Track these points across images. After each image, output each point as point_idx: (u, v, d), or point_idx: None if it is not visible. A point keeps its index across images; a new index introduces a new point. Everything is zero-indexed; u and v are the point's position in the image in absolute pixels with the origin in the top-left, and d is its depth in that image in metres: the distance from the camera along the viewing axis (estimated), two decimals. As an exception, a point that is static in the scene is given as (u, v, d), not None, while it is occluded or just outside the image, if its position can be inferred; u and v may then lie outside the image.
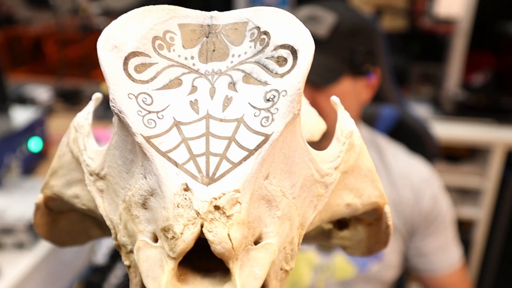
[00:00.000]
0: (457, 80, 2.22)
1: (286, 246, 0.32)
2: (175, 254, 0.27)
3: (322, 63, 0.86)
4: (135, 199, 0.31)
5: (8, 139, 1.25)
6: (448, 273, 0.99)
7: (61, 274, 1.17)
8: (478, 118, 1.93)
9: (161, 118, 0.30)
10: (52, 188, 0.41)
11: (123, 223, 0.32)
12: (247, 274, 0.28)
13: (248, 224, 0.29)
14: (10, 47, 2.08)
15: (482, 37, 2.39)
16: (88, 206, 0.38)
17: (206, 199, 0.27)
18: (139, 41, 0.32)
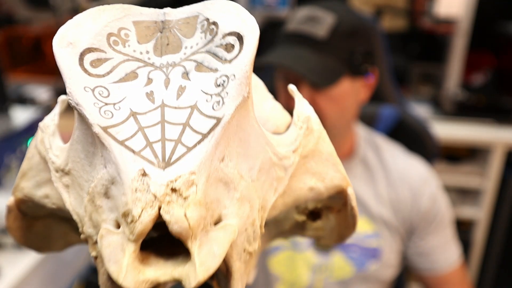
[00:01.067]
0: (457, 80, 2.22)
1: (247, 228, 0.33)
2: (134, 236, 0.28)
3: (321, 64, 0.86)
4: (97, 189, 0.31)
5: (8, 139, 1.25)
6: (448, 271, 0.99)
7: (61, 274, 1.17)
8: (478, 118, 1.93)
9: (117, 110, 0.31)
10: (22, 190, 0.41)
11: (88, 214, 0.33)
12: (206, 253, 0.28)
13: (205, 205, 0.29)
14: (10, 47, 2.08)
15: (482, 37, 2.39)
16: (58, 205, 0.39)
17: (163, 182, 0.28)
18: (94, 38, 0.33)
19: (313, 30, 0.87)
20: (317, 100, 0.88)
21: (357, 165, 1.00)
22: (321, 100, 0.88)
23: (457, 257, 1.01)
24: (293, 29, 0.89)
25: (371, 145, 1.02)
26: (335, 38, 0.87)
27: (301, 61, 0.86)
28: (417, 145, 1.26)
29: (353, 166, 0.99)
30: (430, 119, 1.94)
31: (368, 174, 0.99)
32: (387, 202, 0.97)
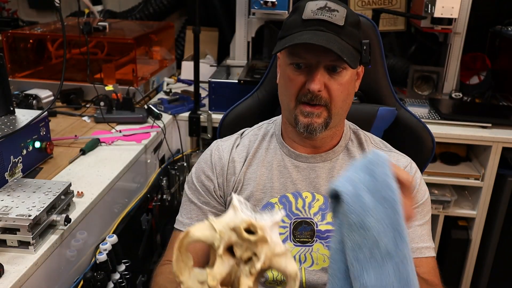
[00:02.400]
0: (454, 82, 2.23)
1: None
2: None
3: (348, 48, 0.92)
4: None
5: (11, 139, 1.27)
6: (418, 258, 0.98)
7: (65, 273, 1.18)
8: (475, 119, 1.95)
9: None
10: None
11: None
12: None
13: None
14: (14, 49, 2.10)
15: (479, 39, 2.41)
16: None
17: None
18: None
19: (332, 17, 0.92)
20: (329, 85, 0.95)
21: (342, 154, 1.05)
22: (333, 85, 0.95)
23: (431, 250, 1.00)
24: (311, 17, 0.93)
25: (357, 138, 1.09)
26: (348, 26, 0.94)
27: (333, 42, 0.90)
28: (414, 143, 1.28)
29: (338, 154, 1.05)
30: (428, 119, 1.95)
31: (350, 162, 1.03)
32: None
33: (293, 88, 0.97)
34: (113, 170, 1.45)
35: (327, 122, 0.97)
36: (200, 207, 1.07)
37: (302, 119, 0.97)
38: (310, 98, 0.95)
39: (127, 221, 1.49)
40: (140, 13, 2.71)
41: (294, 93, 0.97)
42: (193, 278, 0.67)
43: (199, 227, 0.67)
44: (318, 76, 0.93)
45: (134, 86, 2.03)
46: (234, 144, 1.10)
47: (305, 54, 0.94)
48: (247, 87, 1.83)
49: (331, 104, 0.96)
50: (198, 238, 0.66)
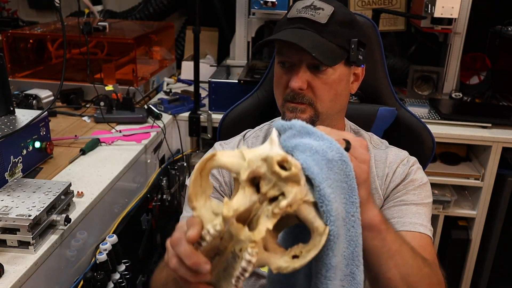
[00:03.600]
0: (454, 82, 2.23)
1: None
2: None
3: (324, 45, 0.92)
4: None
5: (11, 139, 1.27)
6: (411, 234, 0.91)
7: (65, 272, 1.18)
8: (475, 119, 1.95)
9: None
10: None
11: None
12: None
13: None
14: (14, 49, 2.10)
15: (479, 39, 2.41)
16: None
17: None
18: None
19: (315, 15, 0.93)
20: (313, 83, 0.94)
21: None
22: (317, 83, 0.94)
23: (427, 229, 0.94)
24: (295, 15, 0.94)
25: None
26: (333, 24, 0.93)
27: (306, 40, 0.91)
28: (415, 143, 1.28)
29: None
30: (428, 119, 1.95)
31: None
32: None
33: (280, 87, 0.98)
34: (113, 170, 1.45)
35: (313, 119, 0.96)
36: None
37: (288, 114, 0.97)
38: (293, 96, 0.95)
39: (127, 221, 1.49)
40: (140, 13, 2.71)
41: (281, 91, 0.98)
42: (207, 207, 0.59)
43: (227, 153, 0.60)
44: (299, 74, 0.93)
45: (134, 86, 2.03)
46: (238, 145, 1.10)
47: (288, 52, 0.95)
48: (247, 87, 1.83)
49: (316, 103, 0.95)
50: (223, 163, 0.59)
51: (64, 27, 1.30)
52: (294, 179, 0.56)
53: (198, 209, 0.59)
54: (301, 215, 0.58)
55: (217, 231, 0.56)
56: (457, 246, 2.08)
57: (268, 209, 0.56)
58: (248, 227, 0.57)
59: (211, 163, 0.59)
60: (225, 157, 0.59)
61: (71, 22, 2.37)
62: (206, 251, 0.58)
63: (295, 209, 0.56)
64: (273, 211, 0.56)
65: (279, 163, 0.56)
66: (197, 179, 0.59)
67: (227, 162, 0.58)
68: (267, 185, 0.57)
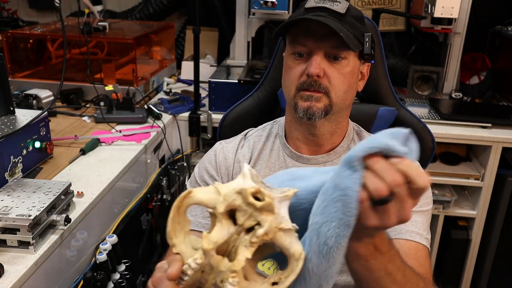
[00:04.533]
0: (454, 82, 2.23)
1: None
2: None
3: (346, 31, 0.92)
4: None
5: (11, 139, 1.27)
6: (407, 244, 0.91)
7: (65, 272, 1.18)
8: (475, 119, 1.95)
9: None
10: None
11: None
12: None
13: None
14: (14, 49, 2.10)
15: (479, 39, 2.41)
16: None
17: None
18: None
19: (334, 6, 0.94)
20: (329, 72, 0.94)
21: (344, 154, 1.04)
22: (332, 72, 0.95)
23: (423, 239, 0.94)
24: (313, 5, 0.95)
25: (360, 139, 1.08)
26: (349, 17, 0.95)
27: (331, 23, 0.91)
28: (415, 142, 1.27)
29: (340, 155, 1.04)
30: (428, 119, 1.95)
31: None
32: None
33: (293, 76, 0.97)
34: (113, 170, 1.46)
35: (327, 109, 0.96)
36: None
37: (301, 103, 0.96)
38: (309, 83, 0.94)
39: (127, 221, 1.49)
40: (140, 13, 2.71)
41: (294, 80, 0.97)
42: (187, 242, 0.62)
43: (203, 189, 0.62)
44: (317, 60, 0.93)
45: (134, 86, 2.03)
46: (239, 145, 1.10)
47: (305, 40, 0.94)
48: (247, 87, 1.83)
49: (331, 92, 0.95)
50: (200, 199, 0.61)
51: (64, 27, 1.30)
52: (268, 208, 0.59)
53: (178, 246, 0.61)
54: (277, 242, 0.60)
55: (198, 264, 0.59)
56: (457, 246, 2.08)
57: (245, 239, 0.59)
58: (228, 258, 0.59)
59: (188, 200, 0.61)
60: (201, 194, 0.61)
61: (71, 22, 2.37)
62: (188, 286, 0.60)
63: (271, 237, 0.59)
64: (251, 240, 0.59)
65: (253, 194, 0.59)
66: (175, 216, 0.61)
67: (203, 198, 0.61)
68: (243, 216, 0.60)
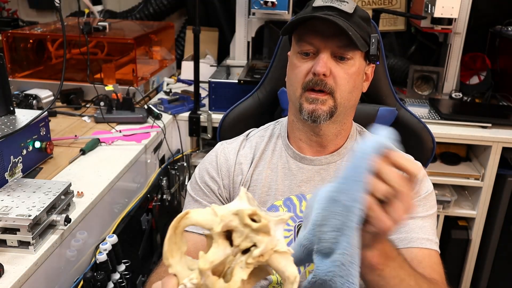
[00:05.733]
0: (454, 82, 2.23)
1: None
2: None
3: (354, 31, 0.92)
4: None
5: (11, 139, 1.27)
6: (420, 251, 0.94)
7: (65, 273, 1.18)
8: (475, 119, 1.95)
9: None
10: None
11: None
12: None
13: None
14: (14, 49, 2.10)
15: (479, 39, 2.41)
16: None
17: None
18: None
19: (342, 6, 0.94)
20: (335, 72, 0.94)
21: (347, 156, 1.04)
22: (339, 72, 0.94)
23: (434, 244, 0.96)
24: (321, 4, 0.95)
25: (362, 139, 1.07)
26: (357, 17, 0.95)
27: (339, 22, 0.91)
28: (415, 143, 1.28)
29: (344, 156, 1.04)
30: (428, 119, 1.96)
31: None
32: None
33: (299, 74, 0.96)
34: (113, 170, 1.45)
35: (332, 111, 0.96)
36: (206, 206, 1.05)
37: (306, 105, 0.95)
38: (315, 82, 0.94)
39: (127, 221, 1.49)
40: (140, 13, 2.71)
41: (299, 79, 0.96)
42: (183, 263, 0.62)
43: (200, 210, 0.63)
44: (324, 59, 0.93)
45: (134, 86, 2.03)
46: (241, 145, 1.09)
47: (312, 39, 0.94)
48: (247, 87, 1.83)
49: (337, 93, 0.95)
50: (196, 220, 0.62)
51: (64, 27, 1.30)
52: (264, 229, 0.60)
53: (174, 266, 0.61)
54: (273, 264, 0.60)
55: (194, 284, 0.59)
56: (457, 246, 2.08)
57: (241, 260, 0.60)
58: (223, 280, 0.60)
59: (185, 221, 0.62)
60: (198, 215, 0.62)
61: (71, 22, 2.37)
62: None
63: (266, 259, 0.60)
64: (247, 261, 0.59)
65: (249, 216, 0.60)
66: (171, 237, 0.62)
67: (200, 219, 0.62)
68: (239, 237, 0.60)
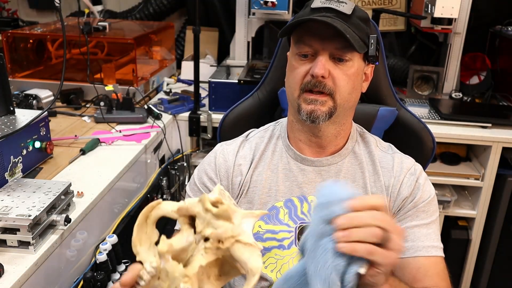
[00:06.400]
0: (454, 82, 2.23)
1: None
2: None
3: (352, 33, 0.92)
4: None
5: (11, 139, 1.27)
6: (426, 260, 0.94)
7: (65, 273, 1.18)
8: (475, 119, 1.95)
9: None
10: None
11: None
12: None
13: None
14: (14, 49, 2.10)
15: (479, 39, 2.41)
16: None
17: None
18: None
19: (340, 7, 0.94)
20: (334, 73, 0.94)
21: (348, 157, 1.04)
22: (338, 73, 0.94)
23: (439, 250, 0.97)
24: (319, 5, 0.95)
25: (363, 140, 1.07)
26: (355, 18, 0.95)
27: (337, 25, 0.91)
28: (415, 143, 1.28)
29: (345, 157, 1.04)
30: (428, 119, 1.95)
31: (357, 165, 1.03)
32: (374, 191, 1.00)
33: (297, 76, 0.96)
34: (113, 170, 1.45)
35: (331, 112, 0.95)
36: None
37: (305, 106, 0.95)
38: (314, 84, 0.93)
39: (127, 221, 1.49)
40: (140, 13, 2.71)
41: (298, 81, 0.96)
42: (151, 252, 0.62)
43: (172, 202, 0.64)
44: (322, 61, 0.92)
45: (134, 86, 2.03)
46: (240, 146, 1.08)
47: (311, 41, 0.94)
48: (247, 87, 1.83)
49: (336, 94, 0.95)
50: (167, 212, 0.63)
51: (64, 27, 1.30)
52: (224, 215, 0.59)
53: (141, 254, 0.62)
54: (235, 254, 0.60)
55: (153, 267, 0.60)
56: (457, 246, 2.08)
57: (202, 247, 0.60)
58: (185, 267, 0.60)
59: (156, 211, 0.63)
60: (169, 205, 0.63)
61: (71, 22, 2.37)
62: None
63: (228, 246, 0.59)
64: (205, 246, 0.59)
65: (212, 203, 0.60)
66: (142, 225, 0.62)
67: (169, 209, 0.63)
68: (201, 223, 0.60)
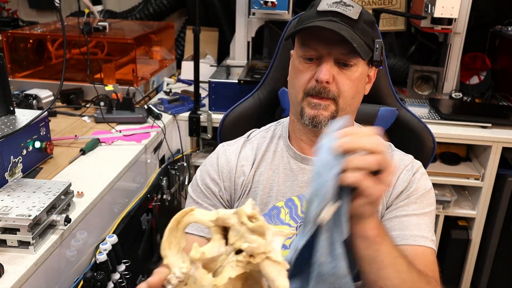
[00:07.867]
0: (454, 82, 2.23)
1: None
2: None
3: (358, 39, 0.92)
4: None
5: (11, 139, 1.27)
6: (414, 249, 0.91)
7: (65, 273, 1.18)
8: (475, 119, 1.95)
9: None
10: None
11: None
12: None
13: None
14: (14, 49, 2.10)
15: (479, 39, 2.41)
16: None
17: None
18: None
19: (346, 11, 0.93)
20: (338, 78, 0.94)
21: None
22: (342, 78, 0.94)
23: (429, 241, 0.94)
24: (326, 8, 0.94)
25: None
26: (361, 22, 0.94)
27: (344, 31, 0.90)
28: (415, 143, 1.28)
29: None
30: (428, 119, 1.95)
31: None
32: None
33: (301, 80, 0.96)
34: (113, 170, 1.45)
35: (334, 116, 0.95)
36: (206, 208, 1.05)
37: (308, 110, 0.95)
38: (318, 90, 0.93)
39: (127, 221, 1.49)
40: (140, 13, 2.71)
41: (302, 85, 0.96)
42: (178, 257, 0.62)
43: (205, 211, 0.64)
44: (327, 67, 0.92)
45: (134, 86, 2.03)
46: (242, 147, 1.08)
47: (316, 45, 0.93)
48: (247, 87, 1.83)
49: (339, 99, 0.95)
50: (200, 219, 0.62)
51: (64, 27, 1.30)
52: (259, 230, 0.59)
53: (169, 257, 0.62)
54: (264, 271, 0.60)
55: (183, 273, 0.60)
56: (457, 246, 2.08)
57: (233, 259, 0.60)
58: (213, 276, 0.60)
59: (188, 217, 0.63)
60: (202, 213, 0.63)
61: (71, 22, 2.37)
62: None
63: (258, 262, 0.59)
64: (237, 259, 0.59)
65: (248, 217, 0.60)
66: (173, 229, 0.62)
67: (203, 218, 0.63)
68: (235, 236, 0.60)
